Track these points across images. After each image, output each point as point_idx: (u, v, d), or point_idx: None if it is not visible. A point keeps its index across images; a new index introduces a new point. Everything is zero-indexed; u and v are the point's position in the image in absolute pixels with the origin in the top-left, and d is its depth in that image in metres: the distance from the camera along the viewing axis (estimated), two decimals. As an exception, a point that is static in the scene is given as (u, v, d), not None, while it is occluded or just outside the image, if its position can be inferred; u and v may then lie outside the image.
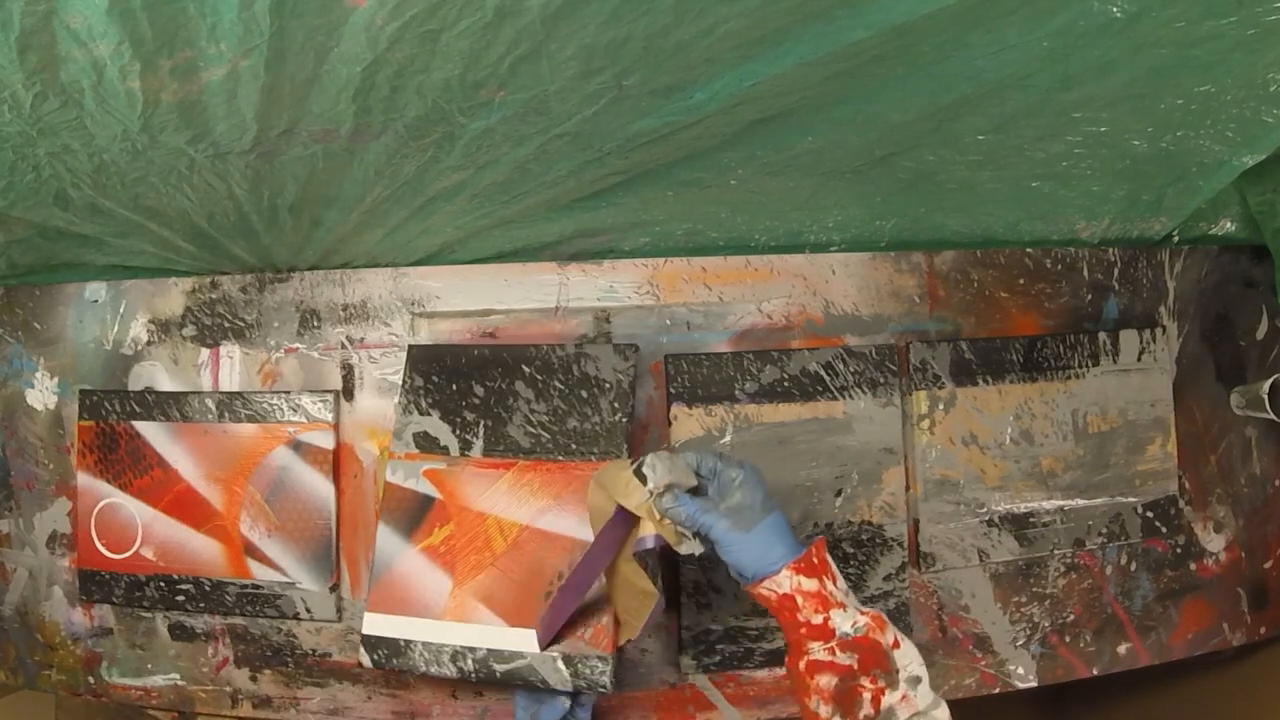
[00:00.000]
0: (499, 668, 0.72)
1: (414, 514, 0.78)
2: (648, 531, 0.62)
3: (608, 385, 0.78)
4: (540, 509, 0.76)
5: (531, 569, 0.74)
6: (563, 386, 0.79)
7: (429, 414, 0.81)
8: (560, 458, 0.77)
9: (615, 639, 0.71)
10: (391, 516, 0.78)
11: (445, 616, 0.74)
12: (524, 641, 0.71)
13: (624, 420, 0.77)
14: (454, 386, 0.81)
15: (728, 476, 0.63)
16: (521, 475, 0.77)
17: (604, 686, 0.69)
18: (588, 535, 0.72)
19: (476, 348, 0.82)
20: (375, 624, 0.75)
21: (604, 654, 0.70)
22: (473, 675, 0.73)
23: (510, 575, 0.74)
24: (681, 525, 0.62)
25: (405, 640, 0.74)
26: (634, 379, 0.79)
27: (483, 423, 0.79)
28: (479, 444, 0.79)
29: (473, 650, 0.73)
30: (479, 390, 0.80)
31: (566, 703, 0.73)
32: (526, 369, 0.80)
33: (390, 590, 0.76)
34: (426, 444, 0.80)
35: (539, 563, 0.74)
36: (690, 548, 0.62)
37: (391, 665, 0.75)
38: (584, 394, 0.79)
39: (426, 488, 0.78)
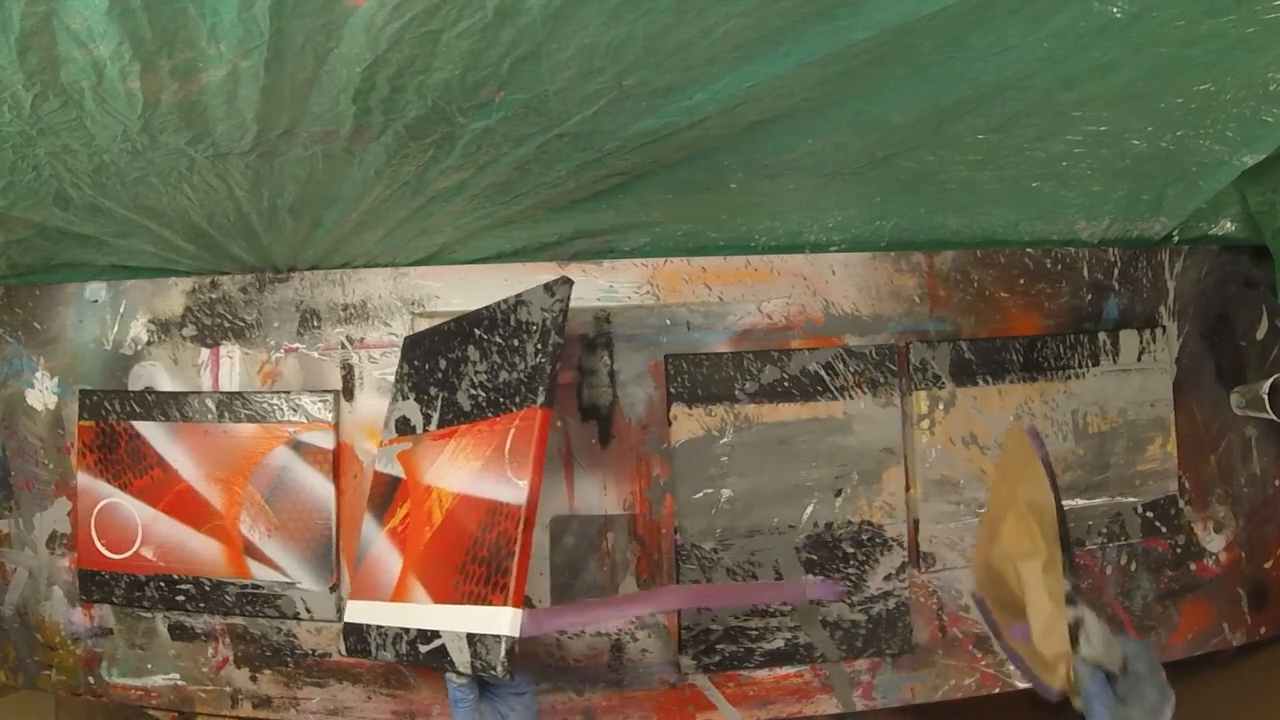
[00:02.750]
0: (422, 649, 0.65)
1: (386, 497, 0.76)
2: (1052, 684, 0.59)
3: (534, 327, 0.68)
4: (470, 474, 0.68)
5: (455, 539, 0.66)
6: (501, 341, 0.71)
7: (408, 398, 0.79)
8: (490, 414, 0.68)
9: (517, 609, 0.59)
10: (372, 503, 0.78)
11: (393, 598, 0.69)
12: (445, 619, 0.63)
13: (544, 361, 0.65)
14: (426, 366, 0.78)
15: (1140, 692, 0.59)
16: (460, 441, 0.70)
17: (495, 669, 0.58)
18: (500, 494, 0.63)
19: (448, 323, 0.78)
20: (353, 611, 0.73)
21: (500, 634, 0.59)
22: (404, 658, 0.66)
23: (440, 549, 0.68)
24: (1077, 700, 0.58)
25: (366, 625, 0.71)
26: (561, 316, 0.66)
27: (441, 395, 0.75)
28: (436, 416, 0.75)
29: (406, 632, 0.66)
30: (442, 364, 0.76)
31: (462, 680, 0.62)
32: (477, 331, 0.74)
33: (364, 576, 0.74)
34: (403, 427, 0.79)
35: (461, 532, 0.66)
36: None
37: (358, 652, 0.71)
38: (516, 343, 0.69)
39: (397, 469, 0.76)
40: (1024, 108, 0.70)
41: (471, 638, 0.61)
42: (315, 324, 0.86)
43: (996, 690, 0.86)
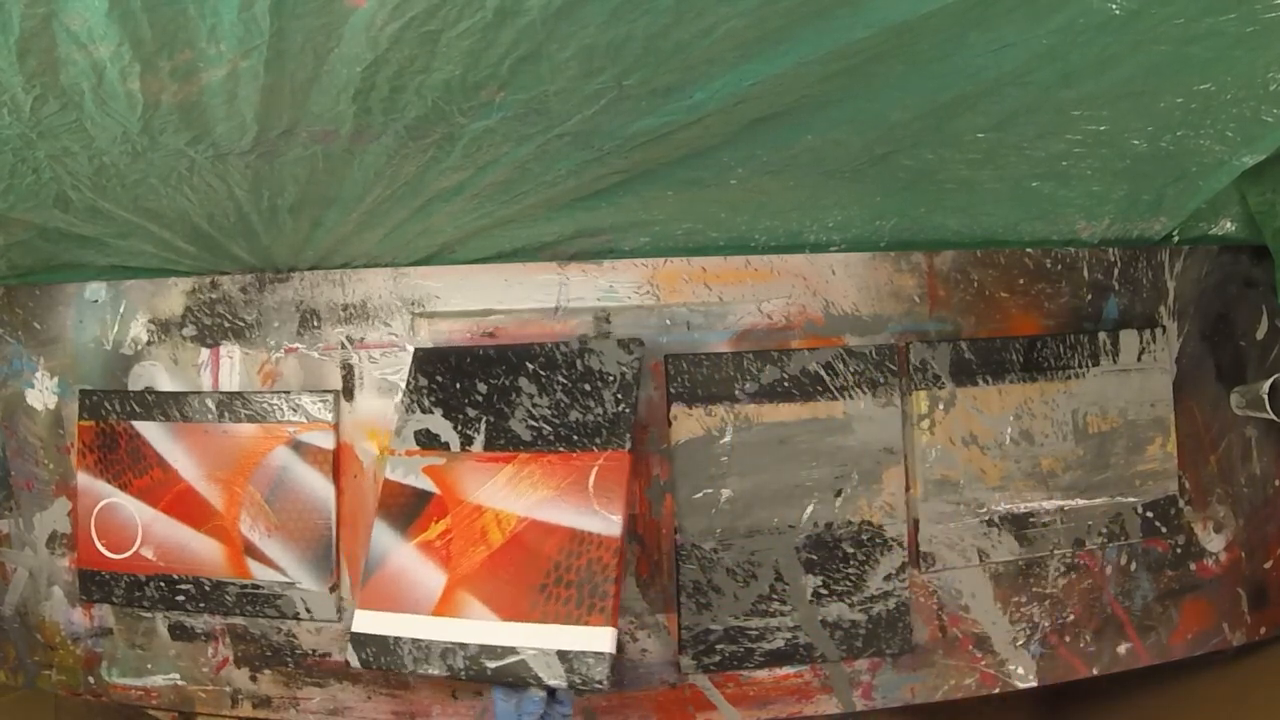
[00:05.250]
0: (490, 665, 0.70)
1: (411, 509, 0.77)
2: None
3: (611, 378, 0.78)
4: (540, 500, 0.75)
5: (528, 560, 0.73)
6: (566, 381, 0.79)
7: (431, 412, 0.80)
8: (562, 449, 0.77)
9: (615, 628, 0.69)
10: (388, 513, 0.78)
11: (436, 612, 0.72)
12: (526, 637, 0.70)
13: (628, 411, 0.77)
14: (457, 385, 0.81)
15: None
16: (522, 467, 0.77)
17: (600, 683, 0.68)
18: (586, 525, 0.73)
19: (482, 348, 0.82)
20: (365, 622, 0.74)
21: (600, 651, 0.69)
22: (463, 673, 0.71)
23: (506, 568, 0.73)
24: None
25: (394, 638, 0.72)
26: (638, 372, 0.79)
27: (484, 418, 0.79)
28: (480, 439, 0.79)
29: (464, 647, 0.71)
30: (482, 388, 0.80)
31: (542, 694, 0.70)
32: (530, 365, 0.80)
33: (382, 587, 0.75)
34: (427, 440, 0.80)
35: (535, 554, 0.73)
36: None
37: (380, 665, 0.73)
38: (587, 387, 0.78)
39: (425, 483, 0.78)
40: (1023, 105, 0.70)
41: (564, 654, 0.69)
42: (315, 324, 0.86)
43: (996, 690, 0.86)
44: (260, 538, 0.83)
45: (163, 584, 0.84)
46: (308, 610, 0.83)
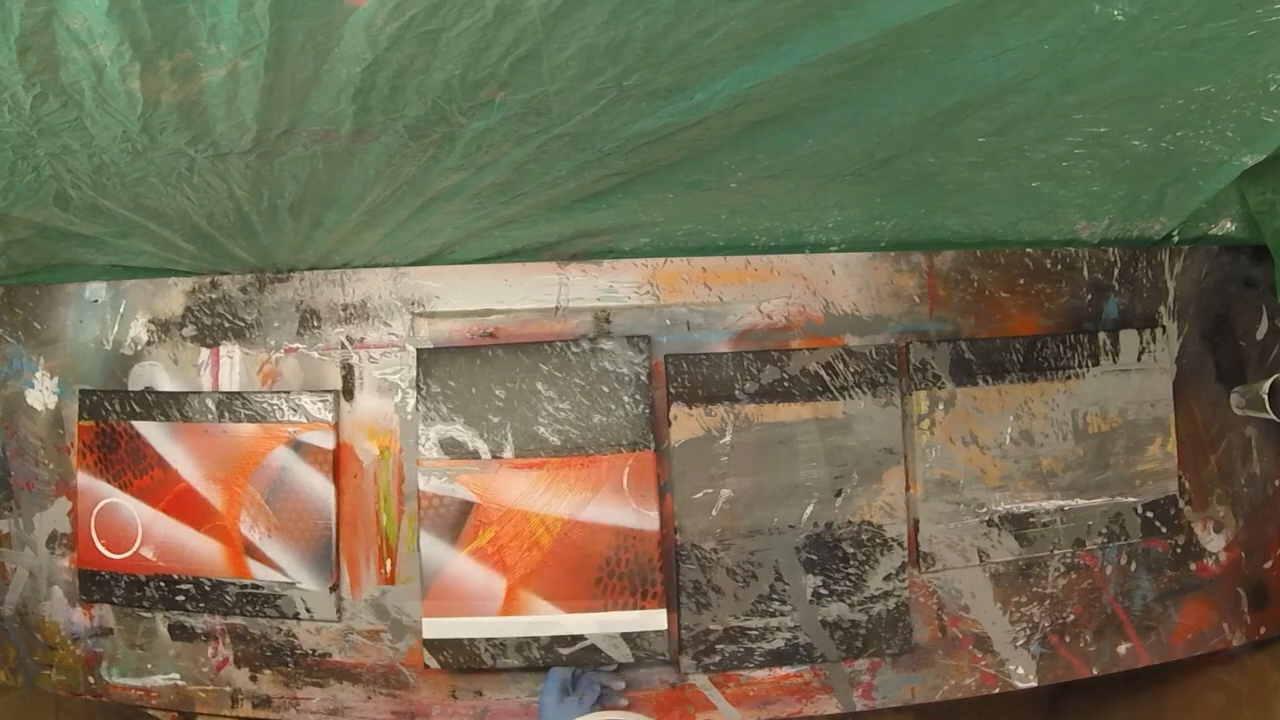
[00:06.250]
0: (563, 651, 0.80)
1: (455, 520, 0.81)
2: None
3: (626, 378, 0.82)
4: (580, 501, 0.81)
5: (580, 558, 0.81)
6: (582, 383, 0.82)
7: (452, 420, 0.82)
8: (591, 451, 0.82)
9: (666, 612, 0.80)
10: (432, 524, 0.81)
11: (503, 612, 0.79)
12: (591, 624, 0.80)
13: (647, 411, 0.82)
14: (473, 390, 0.82)
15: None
16: (556, 472, 0.81)
17: (662, 655, 0.80)
18: (628, 522, 0.81)
19: (490, 348, 0.83)
20: (436, 628, 0.80)
21: (659, 629, 0.80)
22: (540, 662, 0.80)
23: (560, 566, 0.81)
24: None
25: (469, 640, 0.80)
26: (650, 371, 0.82)
27: (509, 424, 0.82)
28: (509, 446, 0.82)
29: (536, 640, 0.80)
30: (499, 392, 0.82)
31: (603, 678, 0.81)
32: (544, 367, 0.82)
33: (443, 595, 0.80)
34: (455, 450, 0.82)
35: (586, 552, 0.81)
36: None
37: (458, 665, 0.80)
38: (605, 389, 0.82)
39: (464, 493, 0.81)
40: (1024, 110, 0.70)
41: (628, 635, 0.80)
42: (315, 324, 0.86)
43: (996, 690, 0.86)
44: (260, 538, 0.83)
45: (163, 584, 0.84)
46: (308, 610, 0.83)
